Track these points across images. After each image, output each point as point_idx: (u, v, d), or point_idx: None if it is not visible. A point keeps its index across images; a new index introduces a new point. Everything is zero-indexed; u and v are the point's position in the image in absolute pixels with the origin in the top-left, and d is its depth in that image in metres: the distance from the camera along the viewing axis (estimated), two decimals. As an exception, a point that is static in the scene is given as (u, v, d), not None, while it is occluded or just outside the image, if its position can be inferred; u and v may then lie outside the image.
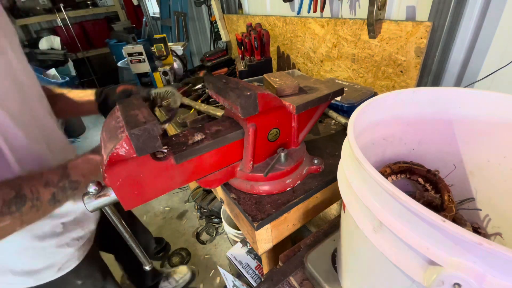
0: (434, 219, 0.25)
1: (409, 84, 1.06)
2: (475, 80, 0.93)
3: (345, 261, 0.51)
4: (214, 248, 1.85)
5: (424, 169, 0.54)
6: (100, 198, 0.54)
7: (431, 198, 0.52)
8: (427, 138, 0.56)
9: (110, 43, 4.20)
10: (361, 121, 0.45)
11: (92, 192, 0.53)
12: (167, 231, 2.02)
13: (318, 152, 0.92)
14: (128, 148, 0.50)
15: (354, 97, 1.08)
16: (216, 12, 2.14)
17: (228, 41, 2.25)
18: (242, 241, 1.55)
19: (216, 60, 1.80)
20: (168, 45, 1.52)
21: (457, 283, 0.24)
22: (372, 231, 0.33)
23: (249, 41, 1.49)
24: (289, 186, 0.77)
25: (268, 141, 0.72)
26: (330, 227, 0.73)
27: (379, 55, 1.12)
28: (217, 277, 1.66)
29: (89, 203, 0.53)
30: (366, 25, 1.08)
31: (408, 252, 0.29)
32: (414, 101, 0.52)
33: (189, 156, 0.62)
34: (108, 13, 4.73)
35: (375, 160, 0.56)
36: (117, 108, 0.57)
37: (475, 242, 0.23)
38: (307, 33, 1.44)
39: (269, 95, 0.64)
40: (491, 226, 0.54)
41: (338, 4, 1.28)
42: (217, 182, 0.74)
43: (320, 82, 0.81)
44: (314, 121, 0.81)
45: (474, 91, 0.49)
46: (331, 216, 1.58)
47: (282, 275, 0.64)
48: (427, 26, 0.91)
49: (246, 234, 0.83)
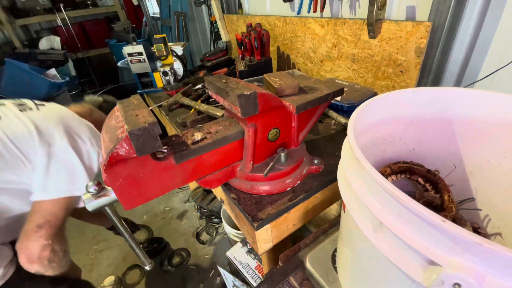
0: (434, 219, 0.25)
1: (409, 84, 1.06)
2: (475, 80, 0.93)
3: (345, 261, 0.51)
4: (214, 248, 1.85)
5: (424, 169, 0.54)
6: (100, 198, 0.54)
7: (431, 198, 0.52)
8: (427, 138, 0.56)
9: (110, 43, 4.20)
10: (361, 121, 0.45)
11: (92, 192, 0.53)
12: (167, 231, 2.02)
13: (318, 152, 0.92)
14: (128, 148, 0.50)
15: (354, 97, 1.08)
16: (216, 12, 2.14)
17: (228, 41, 2.25)
18: (242, 241, 1.55)
19: (216, 60, 1.80)
20: (168, 45, 1.52)
21: (457, 283, 0.24)
22: (372, 231, 0.33)
23: (249, 41, 1.49)
24: (289, 186, 0.77)
25: (268, 141, 0.72)
26: (330, 227, 0.73)
27: (379, 55, 1.12)
28: (217, 277, 1.66)
29: (89, 203, 0.53)
30: (366, 25, 1.08)
31: (408, 252, 0.29)
32: (414, 101, 0.52)
33: (189, 156, 0.62)
34: (108, 13, 4.73)
35: (375, 160, 0.56)
36: (117, 108, 0.57)
37: (475, 242, 0.23)
38: (307, 33, 1.44)
39: (269, 95, 0.64)
40: (491, 226, 0.54)
41: (338, 4, 1.28)
42: (217, 182, 0.74)
43: (320, 82, 0.81)
44: (314, 121, 0.81)
45: (474, 91, 0.49)
46: (331, 216, 1.58)
47: (282, 275, 0.64)
48: (427, 26, 0.91)
49: (246, 234, 0.83)
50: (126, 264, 1.80)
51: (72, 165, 0.91)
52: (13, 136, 0.84)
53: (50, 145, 0.88)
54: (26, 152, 0.85)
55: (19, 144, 0.84)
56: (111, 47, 4.22)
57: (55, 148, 0.88)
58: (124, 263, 1.81)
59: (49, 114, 0.95)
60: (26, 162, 0.85)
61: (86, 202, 0.53)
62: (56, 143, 0.89)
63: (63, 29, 4.29)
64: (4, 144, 0.82)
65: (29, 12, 3.99)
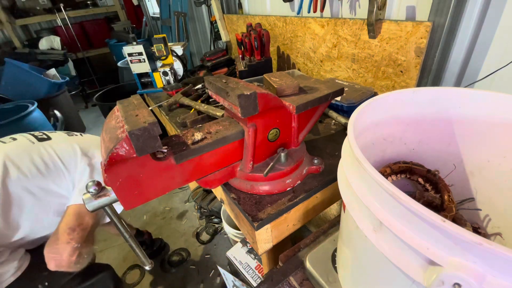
0: (434, 219, 0.25)
1: (409, 84, 1.06)
2: (475, 80, 0.93)
3: (345, 261, 0.51)
4: (214, 248, 1.85)
5: (424, 169, 0.54)
6: (100, 198, 0.54)
7: (431, 198, 0.52)
8: (427, 138, 0.56)
9: (110, 43, 4.20)
10: (361, 121, 0.45)
11: (92, 192, 0.53)
12: (167, 231, 2.02)
13: (318, 152, 0.92)
14: (128, 148, 0.50)
15: (354, 97, 1.08)
16: (216, 12, 2.14)
17: (228, 41, 2.25)
18: (242, 241, 1.55)
19: (216, 60, 1.80)
20: (168, 45, 1.52)
21: (457, 283, 0.24)
22: (372, 231, 0.33)
23: (249, 41, 1.49)
24: (289, 186, 0.77)
25: (268, 141, 0.72)
26: (330, 227, 0.73)
27: (379, 55, 1.12)
28: (217, 277, 1.66)
29: (89, 203, 0.53)
30: (366, 25, 1.08)
31: (408, 252, 0.29)
32: (414, 101, 0.52)
33: (189, 156, 0.62)
34: (108, 13, 4.73)
35: (375, 160, 0.56)
36: (117, 108, 0.57)
37: (475, 242, 0.23)
38: (307, 33, 1.44)
39: (269, 95, 0.64)
40: (491, 226, 0.54)
41: (338, 4, 1.28)
42: (217, 182, 0.74)
43: (320, 82, 0.81)
44: (314, 121, 0.81)
45: (474, 91, 0.49)
46: (331, 216, 1.58)
47: (282, 275, 0.64)
48: (427, 26, 0.91)
49: (246, 234, 0.83)
50: (126, 264, 1.80)
51: None
52: (60, 152, 0.99)
53: (90, 158, 1.02)
54: (69, 166, 0.98)
55: (63, 158, 0.98)
56: (111, 47, 4.22)
57: (95, 161, 1.03)
58: (124, 263, 1.81)
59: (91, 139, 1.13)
60: (67, 174, 0.98)
61: (86, 202, 0.53)
62: (96, 157, 1.04)
63: (63, 29, 4.29)
64: (51, 157, 0.96)
65: (29, 12, 4.00)
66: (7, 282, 0.90)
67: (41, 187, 0.93)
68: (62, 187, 0.97)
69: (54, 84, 3.01)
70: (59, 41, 3.91)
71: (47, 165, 0.94)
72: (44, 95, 2.93)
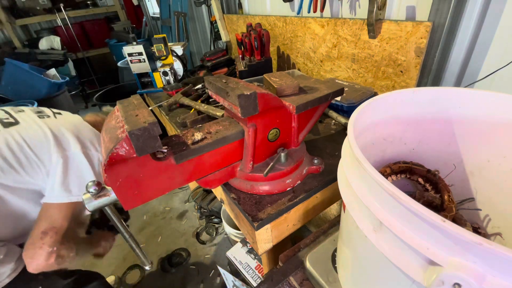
0: (434, 219, 0.25)
1: (409, 84, 1.06)
2: (475, 80, 0.93)
3: (345, 261, 0.51)
4: (214, 248, 1.85)
5: (424, 169, 0.54)
6: (100, 198, 0.54)
7: (431, 198, 0.52)
8: (427, 138, 0.56)
9: (110, 43, 4.20)
10: (361, 121, 0.45)
11: (92, 192, 0.53)
12: (167, 231, 2.03)
13: (318, 152, 0.92)
14: (128, 148, 0.50)
15: (354, 97, 1.08)
16: (216, 12, 2.14)
17: (228, 41, 2.25)
18: (242, 241, 1.55)
19: (216, 60, 1.80)
20: (168, 45, 1.52)
21: (457, 283, 0.24)
22: (372, 231, 0.33)
23: (249, 41, 1.49)
24: (289, 186, 0.77)
25: (268, 141, 0.72)
26: (330, 227, 0.73)
27: (379, 55, 1.12)
28: (217, 277, 1.66)
29: (89, 203, 0.53)
30: (366, 25, 1.08)
31: (408, 252, 0.29)
32: (414, 101, 0.52)
33: (189, 156, 0.62)
34: (108, 13, 4.73)
35: (375, 160, 0.56)
36: (117, 108, 0.57)
37: (475, 242, 0.23)
38: (307, 33, 1.44)
39: (269, 95, 0.64)
40: (491, 226, 0.54)
41: (338, 4, 1.28)
42: (217, 182, 0.74)
43: (320, 82, 0.81)
44: (314, 121, 0.81)
45: (474, 91, 0.49)
46: (331, 216, 1.58)
47: (282, 275, 0.64)
48: (427, 26, 0.91)
49: (246, 234, 0.83)
50: (126, 264, 1.80)
51: (82, 171, 0.94)
52: (30, 140, 0.89)
53: (64, 150, 0.92)
54: (42, 156, 0.89)
55: (35, 148, 0.89)
56: (111, 47, 4.22)
57: (69, 153, 0.93)
58: (124, 263, 1.81)
59: (65, 121, 1.01)
60: (41, 166, 0.89)
61: (86, 202, 0.53)
62: (70, 148, 0.93)
63: (63, 29, 4.29)
64: (21, 148, 0.87)
65: (29, 12, 4.00)
66: (3, 283, 0.88)
67: (17, 181, 0.87)
68: (38, 180, 0.90)
69: (54, 84, 3.00)
70: (59, 41, 3.91)
71: (19, 159, 0.86)
72: (44, 95, 2.92)
